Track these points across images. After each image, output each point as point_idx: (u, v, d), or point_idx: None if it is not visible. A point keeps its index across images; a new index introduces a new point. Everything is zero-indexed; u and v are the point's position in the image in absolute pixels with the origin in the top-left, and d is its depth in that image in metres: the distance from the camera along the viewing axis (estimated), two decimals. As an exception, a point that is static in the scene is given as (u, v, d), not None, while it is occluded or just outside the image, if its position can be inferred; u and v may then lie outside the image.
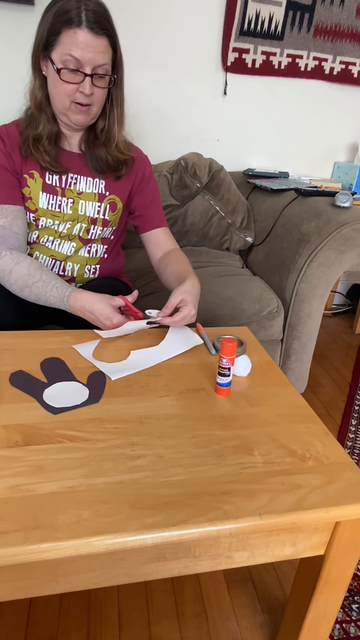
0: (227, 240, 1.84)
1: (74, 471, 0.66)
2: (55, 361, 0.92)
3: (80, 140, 1.09)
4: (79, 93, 0.95)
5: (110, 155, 1.08)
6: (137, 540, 0.57)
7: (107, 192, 1.12)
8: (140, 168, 1.16)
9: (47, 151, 1.04)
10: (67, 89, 0.95)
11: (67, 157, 1.08)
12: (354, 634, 0.97)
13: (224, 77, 1.97)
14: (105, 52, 0.94)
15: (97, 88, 0.97)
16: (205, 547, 0.64)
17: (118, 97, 1.04)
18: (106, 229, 1.16)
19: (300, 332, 1.52)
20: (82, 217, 1.11)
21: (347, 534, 0.69)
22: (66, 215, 1.10)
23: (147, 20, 1.80)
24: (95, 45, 0.91)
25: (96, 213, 1.12)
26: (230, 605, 1.01)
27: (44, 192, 1.07)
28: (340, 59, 2.03)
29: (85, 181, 1.10)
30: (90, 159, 1.09)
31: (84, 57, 0.91)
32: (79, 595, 1.00)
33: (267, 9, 1.85)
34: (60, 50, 0.92)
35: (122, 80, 1.03)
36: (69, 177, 1.09)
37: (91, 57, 0.92)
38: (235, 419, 0.79)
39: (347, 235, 1.44)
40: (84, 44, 0.90)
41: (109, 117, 1.06)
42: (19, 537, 0.55)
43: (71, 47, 0.90)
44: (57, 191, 1.08)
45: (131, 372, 0.90)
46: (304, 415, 0.82)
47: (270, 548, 0.68)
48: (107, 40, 0.93)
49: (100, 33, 0.91)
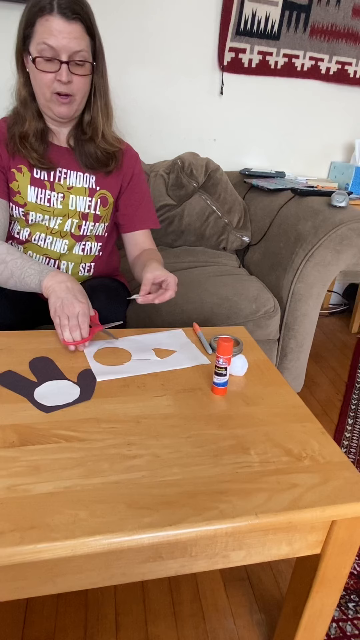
0: (223, 240, 1.84)
1: (70, 471, 0.66)
2: (44, 360, 0.91)
3: (69, 136, 1.09)
4: (57, 82, 0.94)
5: (98, 149, 1.07)
6: (134, 540, 0.57)
7: (97, 186, 1.12)
8: (131, 165, 1.16)
9: (35, 148, 1.03)
10: (45, 78, 0.94)
11: (56, 151, 1.08)
12: (350, 632, 0.97)
13: (221, 77, 1.97)
14: (80, 38, 0.92)
15: (76, 76, 0.95)
16: (201, 547, 0.64)
17: (101, 87, 1.03)
18: (98, 224, 1.16)
19: (297, 332, 1.52)
20: (72, 212, 1.11)
21: (343, 532, 0.69)
22: (56, 210, 1.09)
23: (144, 19, 1.79)
24: (68, 31, 0.90)
25: (87, 208, 1.12)
26: (227, 604, 1.01)
27: (32, 185, 1.07)
28: (337, 59, 2.04)
29: (75, 176, 1.10)
30: (80, 154, 1.08)
31: (57, 44, 0.91)
32: (76, 595, 0.99)
33: (263, 8, 1.85)
34: (36, 40, 0.91)
35: (104, 69, 1.02)
36: (57, 172, 1.08)
37: (65, 43, 0.91)
38: (232, 419, 0.79)
39: (343, 234, 1.44)
40: (57, 31, 0.90)
41: (93, 108, 1.05)
42: (15, 537, 0.55)
43: (44, 35, 0.90)
44: (45, 185, 1.08)
45: (119, 377, 0.89)
46: (300, 414, 0.82)
47: (266, 547, 0.68)
48: (81, 26, 0.92)
49: (72, 18, 0.90)
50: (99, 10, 1.70)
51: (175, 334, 1.06)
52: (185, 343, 1.02)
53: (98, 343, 0.99)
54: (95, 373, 0.89)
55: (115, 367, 0.91)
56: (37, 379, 0.86)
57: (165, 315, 1.37)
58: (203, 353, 0.99)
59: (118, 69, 1.84)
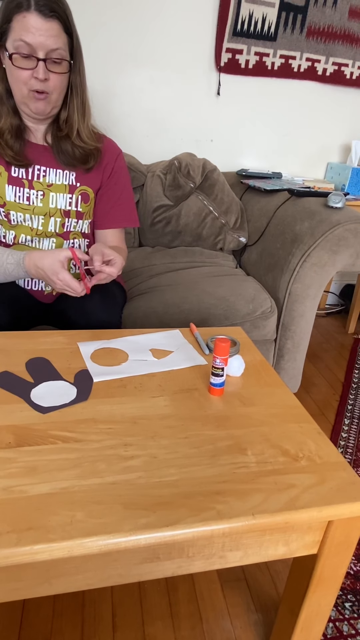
0: (220, 241, 1.84)
1: (67, 472, 0.65)
2: (41, 361, 0.91)
3: (45, 133, 1.08)
4: (34, 79, 0.94)
5: (75, 147, 1.07)
6: (131, 541, 0.57)
7: (77, 183, 1.11)
8: (111, 160, 1.15)
9: (10, 145, 1.03)
10: (21, 75, 0.94)
11: (33, 149, 1.08)
12: (347, 632, 0.97)
13: (218, 78, 1.97)
14: (57, 37, 0.92)
15: (53, 74, 0.95)
16: (198, 547, 0.64)
17: (78, 85, 1.03)
18: (81, 221, 1.15)
19: (294, 332, 1.52)
20: (53, 210, 1.10)
21: (339, 533, 0.69)
22: (36, 208, 1.09)
23: (141, 20, 1.79)
24: (45, 28, 0.90)
25: (68, 205, 1.11)
26: (224, 604, 1.01)
27: (10, 184, 1.06)
28: (333, 60, 2.04)
29: (55, 173, 1.09)
30: (57, 152, 1.08)
31: (34, 41, 0.90)
32: (73, 597, 0.99)
33: (260, 9, 1.86)
34: (13, 36, 0.91)
35: (81, 67, 1.02)
36: (35, 169, 1.08)
37: (42, 40, 0.91)
38: (229, 419, 0.79)
39: (340, 235, 1.45)
40: (34, 28, 0.89)
41: (69, 106, 1.04)
42: (11, 538, 0.55)
43: (21, 32, 0.90)
44: (23, 183, 1.07)
45: (116, 377, 0.89)
46: (297, 414, 0.82)
47: (263, 547, 0.68)
48: (58, 24, 0.92)
49: (49, 15, 0.90)
50: (95, 11, 1.70)
51: (172, 335, 1.06)
52: (182, 343, 1.02)
53: (94, 343, 0.98)
54: (92, 374, 0.89)
55: (112, 367, 0.91)
56: (34, 380, 0.86)
57: (162, 316, 1.37)
58: (200, 353, 0.99)
59: (115, 70, 1.84)
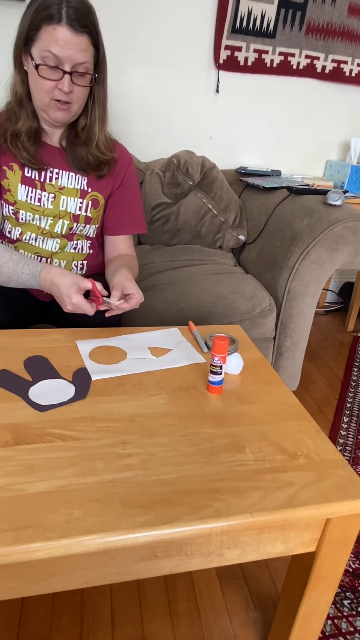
0: (219, 239, 1.84)
1: (64, 470, 0.65)
2: (39, 359, 0.91)
3: (62, 137, 1.08)
4: (58, 90, 0.94)
5: (90, 154, 1.07)
6: (129, 539, 0.57)
7: (89, 188, 1.11)
8: (123, 168, 1.15)
9: (26, 148, 1.02)
10: (45, 85, 0.94)
11: (48, 151, 1.07)
12: (345, 629, 0.97)
13: (216, 75, 1.97)
14: (85, 51, 0.92)
15: (77, 86, 0.95)
16: (196, 545, 0.64)
17: (100, 95, 1.03)
18: (89, 226, 1.15)
19: (293, 330, 1.52)
20: (63, 212, 1.10)
21: (337, 530, 0.69)
22: (47, 210, 1.09)
23: (139, 17, 1.79)
24: (75, 42, 0.90)
25: (78, 209, 1.11)
26: (222, 602, 1.01)
27: (23, 184, 1.06)
28: (332, 57, 2.04)
29: (67, 176, 1.09)
30: (71, 156, 1.08)
31: (63, 54, 0.90)
32: (71, 595, 0.99)
33: (259, 6, 1.85)
34: (40, 46, 0.90)
35: (104, 79, 1.02)
36: (48, 172, 1.08)
37: (70, 54, 0.90)
38: (227, 417, 0.79)
39: (339, 233, 1.45)
40: (63, 41, 0.89)
41: (90, 115, 1.04)
42: (9, 536, 0.55)
43: (50, 44, 0.89)
44: (36, 184, 1.07)
45: (114, 375, 0.88)
46: (296, 412, 0.82)
47: (261, 545, 0.68)
48: (87, 39, 0.92)
49: (80, 31, 0.90)
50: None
51: (170, 333, 1.06)
52: (181, 341, 1.02)
53: (93, 342, 0.98)
54: (91, 372, 0.88)
55: (110, 365, 0.91)
56: (32, 378, 0.85)
57: (161, 314, 1.37)
58: (198, 351, 0.99)
59: (114, 67, 1.82)
